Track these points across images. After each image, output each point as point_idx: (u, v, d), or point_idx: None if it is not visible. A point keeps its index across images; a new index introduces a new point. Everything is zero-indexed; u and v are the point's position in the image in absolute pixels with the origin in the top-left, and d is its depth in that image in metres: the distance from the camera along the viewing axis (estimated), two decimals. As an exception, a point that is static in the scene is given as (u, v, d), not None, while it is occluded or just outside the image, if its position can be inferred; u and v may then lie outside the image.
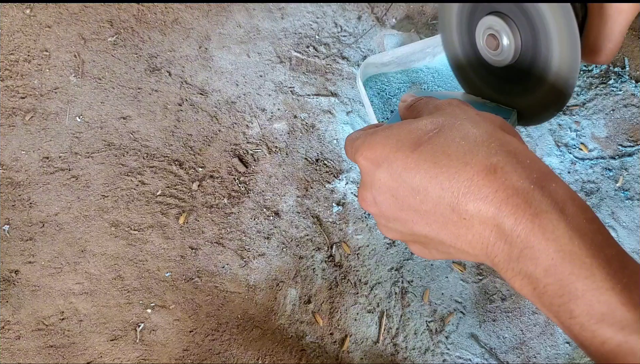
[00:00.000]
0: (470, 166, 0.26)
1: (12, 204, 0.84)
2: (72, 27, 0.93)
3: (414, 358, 0.79)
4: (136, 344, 0.78)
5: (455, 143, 0.27)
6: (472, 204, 0.25)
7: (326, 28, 0.95)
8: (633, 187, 0.87)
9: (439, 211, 0.27)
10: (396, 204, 0.29)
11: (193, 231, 0.83)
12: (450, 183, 0.26)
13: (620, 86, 0.92)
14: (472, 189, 0.25)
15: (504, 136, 0.27)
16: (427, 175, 0.27)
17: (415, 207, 0.28)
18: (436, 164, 0.27)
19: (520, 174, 0.25)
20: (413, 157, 0.27)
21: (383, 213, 0.31)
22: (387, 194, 0.29)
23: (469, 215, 0.25)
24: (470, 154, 0.26)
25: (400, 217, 0.29)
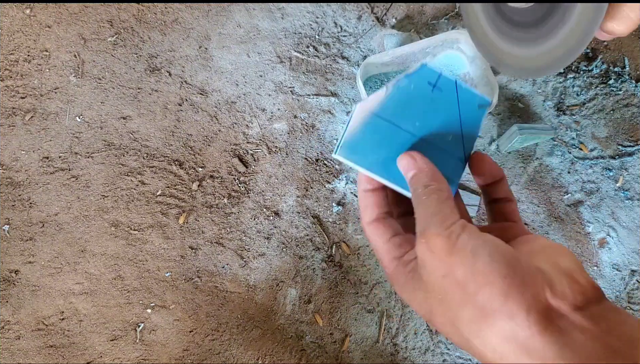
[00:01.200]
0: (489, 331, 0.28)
1: (12, 204, 0.84)
2: (72, 27, 0.93)
3: (414, 358, 0.79)
4: (136, 344, 0.78)
5: (464, 309, 0.28)
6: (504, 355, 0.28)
7: (326, 28, 0.95)
8: (633, 187, 0.87)
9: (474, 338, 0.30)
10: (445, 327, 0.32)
11: (193, 231, 0.83)
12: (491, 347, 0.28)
13: (620, 86, 0.92)
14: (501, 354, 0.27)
15: (512, 285, 0.28)
16: (454, 328, 0.29)
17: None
18: (455, 325, 0.29)
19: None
20: (437, 322, 0.30)
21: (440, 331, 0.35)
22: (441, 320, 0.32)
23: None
24: (486, 320, 0.28)
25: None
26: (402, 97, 0.37)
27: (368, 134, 0.35)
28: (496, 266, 0.28)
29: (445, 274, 0.28)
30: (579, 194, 0.87)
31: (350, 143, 0.34)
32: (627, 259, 0.85)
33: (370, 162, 0.34)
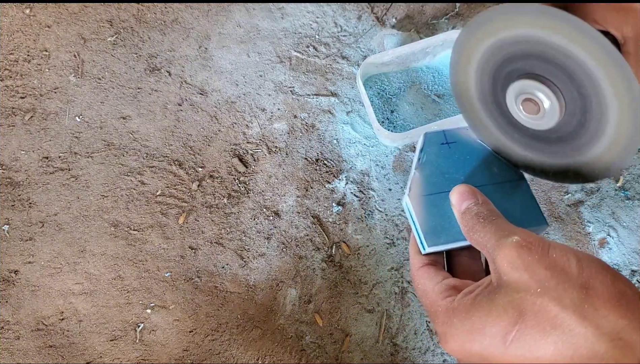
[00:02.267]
0: (575, 360, 0.25)
1: (12, 204, 0.83)
2: (71, 27, 0.93)
3: (414, 358, 0.79)
4: (136, 345, 0.78)
5: (548, 333, 0.25)
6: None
7: (326, 28, 0.95)
8: (633, 187, 0.87)
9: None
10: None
11: (193, 231, 0.83)
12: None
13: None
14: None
15: (595, 308, 0.25)
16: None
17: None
18: (539, 359, 0.26)
19: (632, 358, 0.24)
20: (510, 354, 0.27)
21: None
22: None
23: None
24: (571, 347, 0.25)
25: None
26: (433, 168, 0.39)
27: (433, 215, 0.36)
28: (603, 275, 0.26)
29: (539, 286, 0.26)
30: (579, 194, 0.87)
31: (429, 233, 0.35)
32: (628, 259, 0.85)
33: (453, 236, 0.35)
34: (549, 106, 0.34)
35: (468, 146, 0.40)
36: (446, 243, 0.34)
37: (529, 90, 0.34)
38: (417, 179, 0.38)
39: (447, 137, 0.40)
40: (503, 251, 0.28)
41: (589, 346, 0.25)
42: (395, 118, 0.88)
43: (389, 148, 0.88)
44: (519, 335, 0.26)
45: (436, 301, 0.31)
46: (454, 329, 0.29)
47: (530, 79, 0.34)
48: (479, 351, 0.27)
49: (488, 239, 0.30)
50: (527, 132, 0.37)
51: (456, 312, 0.29)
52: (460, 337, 0.28)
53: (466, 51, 0.37)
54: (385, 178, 0.86)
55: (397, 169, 0.87)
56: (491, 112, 0.39)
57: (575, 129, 0.34)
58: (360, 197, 0.85)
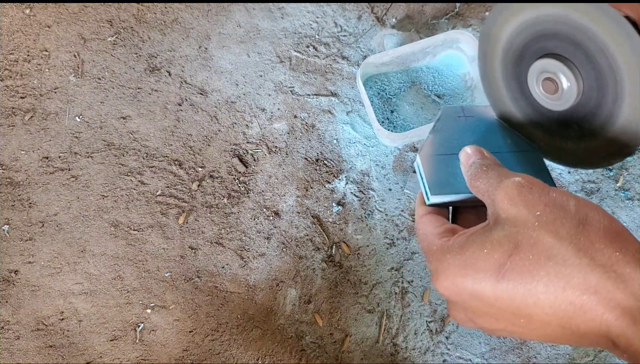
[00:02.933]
0: (568, 290, 0.25)
1: (12, 204, 0.83)
2: (71, 27, 0.93)
3: (414, 358, 0.79)
4: (136, 345, 0.78)
5: (542, 265, 0.25)
6: (583, 325, 0.25)
7: (326, 28, 0.95)
8: (633, 187, 0.87)
9: (549, 329, 0.27)
10: (497, 323, 0.29)
11: (193, 231, 0.83)
12: (553, 309, 0.26)
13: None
14: (577, 313, 0.25)
15: (591, 241, 0.25)
16: (524, 303, 0.26)
17: (521, 326, 0.28)
18: (530, 291, 0.26)
19: (623, 290, 0.24)
20: (501, 287, 0.26)
21: (484, 328, 0.30)
22: (485, 317, 0.29)
23: (582, 332, 0.26)
24: (564, 277, 0.25)
25: (504, 329, 0.29)
26: (446, 134, 0.40)
27: (441, 171, 0.37)
28: (606, 218, 0.26)
29: (537, 220, 0.26)
30: (580, 194, 0.87)
31: (433, 185, 0.36)
32: (628, 259, 0.85)
33: (457, 189, 0.36)
34: (567, 87, 0.35)
35: (484, 120, 0.42)
36: (450, 194, 0.35)
37: (551, 69, 0.35)
38: (430, 141, 0.39)
39: (465, 112, 0.42)
40: (504, 189, 0.28)
41: (582, 277, 0.25)
42: (395, 118, 0.88)
43: (389, 148, 0.88)
44: (513, 266, 0.26)
45: (433, 242, 0.31)
46: (446, 264, 0.29)
47: (553, 59, 0.35)
48: (470, 286, 0.27)
49: (490, 184, 0.30)
50: (545, 115, 0.38)
51: (450, 249, 0.29)
52: (452, 271, 0.28)
53: (494, 30, 0.38)
54: (385, 178, 0.86)
55: (397, 169, 0.87)
56: (512, 93, 0.40)
57: (590, 111, 0.35)
58: (360, 197, 0.85)
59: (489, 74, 0.42)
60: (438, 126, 0.40)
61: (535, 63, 0.36)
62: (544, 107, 0.38)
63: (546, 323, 0.26)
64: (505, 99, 0.41)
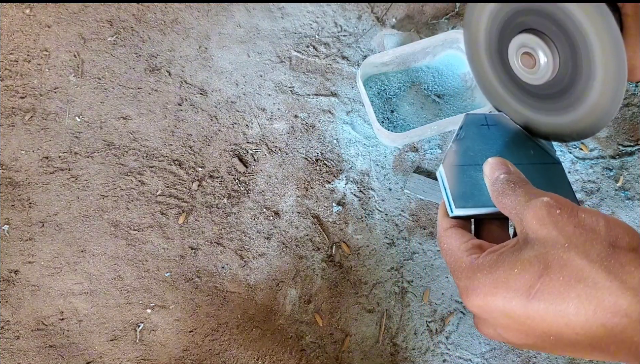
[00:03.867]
0: (599, 313, 0.25)
1: (12, 204, 0.83)
2: (71, 27, 0.93)
3: (414, 358, 0.79)
4: (136, 344, 0.78)
5: (572, 287, 0.26)
6: (613, 346, 0.26)
7: (326, 28, 0.95)
8: (633, 187, 0.87)
9: (579, 347, 0.27)
10: (527, 340, 0.29)
11: (193, 231, 0.83)
12: (584, 330, 0.26)
13: (621, 86, 0.92)
14: (608, 334, 0.25)
15: (622, 264, 0.25)
16: (555, 323, 0.26)
17: (551, 343, 0.28)
18: (561, 312, 0.26)
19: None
20: (532, 308, 0.27)
21: (512, 342, 0.30)
22: (515, 333, 0.29)
23: (612, 351, 0.26)
24: (595, 300, 0.25)
25: (534, 345, 0.30)
26: (470, 143, 0.40)
27: (464, 183, 0.37)
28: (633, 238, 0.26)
29: (567, 242, 0.26)
30: (580, 194, 0.87)
31: (458, 197, 0.36)
32: (628, 259, 0.85)
33: (482, 202, 0.36)
34: (545, 62, 0.36)
35: (508, 130, 0.42)
36: (474, 207, 0.35)
37: (529, 44, 0.36)
38: (453, 151, 0.39)
39: (488, 120, 0.42)
40: (533, 209, 0.28)
41: (613, 300, 0.25)
42: (395, 118, 0.88)
43: (389, 148, 0.88)
44: (543, 287, 0.26)
45: (461, 258, 0.31)
46: (477, 282, 0.29)
47: (531, 34, 0.36)
48: (501, 305, 0.28)
49: (518, 202, 0.30)
50: (523, 88, 0.40)
51: (480, 267, 0.29)
52: (483, 290, 0.28)
53: (477, 7, 0.40)
54: (385, 178, 0.86)
55: (397, 169, 0.87)
56: (495, 66, 0.42)
57: (564, 87, 0.37)
58: (360, 197, 0.85)
59: (473, 49, 0.43)
60: (461, 134, 0.40)
61: (515, 37, 0.38)
62: (522, 80, 0.39)
63: (576, 342, 0.27)
64: (490, 75, 0.43)
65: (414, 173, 0.86)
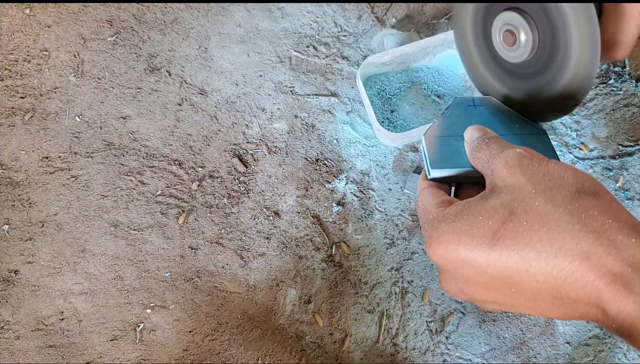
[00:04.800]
0: (560, 256, 0.25)
1: (12, 204, 0.83)
2: (71, 27, 0.93)
3: (414, 358, 0.79)
4: (136, 344, 0.78)
5: (535, 231, 0.25)
6: (573, 293, 0.25)
7: (326, 28, 0.95)
8: (633, 187, 0.87)
9: (539, 299, 0.27)
10: (488, 294, 0.29)
11: (193, 231, 0.83)
12: (544, 276, 0.26)
13: (621, 86, 0.92)
14: (568, 280, 0.25)
15: (585, 208, 0.25)
16: (516, 270, 0.26)
17: (512, 296, 0.28)
18: (523, 258, 0.26)
19: (615, 256, 0.24)
20: (494, 255, 0.26)
21: (474, 298, 0.30)
22: (476, 287, 0.29)
23: (572, 300, 0.26)
24: (557, 243, 0.25)
25: (495, 301, 0.29)
26: (454, 120, 0.41)
27: (444, 150, 0.38)
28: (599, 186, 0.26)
29: (534, 188, 0.26)
30: (579, 194, 0.87)
31: (435, 161, 0.37)
32: (628, 259, 0.85)
33: (459, 164, 0.37)
34: (525, 40, 0.38)
35: (494, 109, 0.42)
36: (450, 168, 0.36)
37: (512, 22, 0.38)
38: (436, 125, 0.40)
39: (475, 101, 0.43)
40: (505, 158, 0.29)
41: (574, 243, 0.25)
42: (395, 118, 0.88)
43: (389, 148, 0.88)
44: (507, 233, 0.26)
45: (430, 211, 0.32)
46: (440, 231, 0.29)
47: (514, 12, 0.37)
48: (463, 253, 0.27)
49: (491, 154, 0.30)
50: (504, 66, 0.41)
51: (445, 217, 0.29)
52: (446, 238, 0.28)
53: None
54: (385, 178, 0.86)
55: (397, 169, 0.87)
56: (479, 43, 0.43)
57: (541, 66, 0.38)
58: (360, 197, 0.85)
59: (460, 26, 0.45)
60: (447, 112, 0.41)
61: (500, 15, 0.39)
62: (502, 58, 0.41)
63: (537, 291, 0.26)
64: (472, 51, 0.45)
65: (414, 173, 0.86)
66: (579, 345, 0.80)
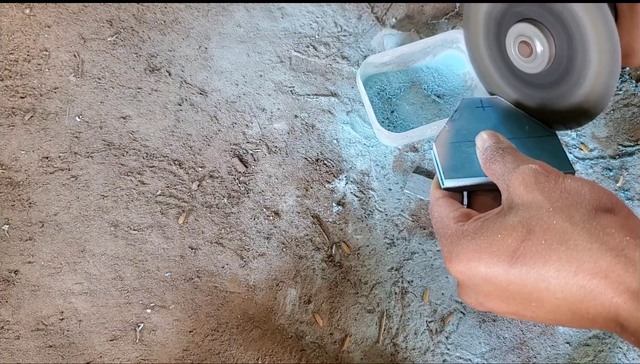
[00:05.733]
0: (579, 275, 0.25)
1: (12, 204, 0.83)
2: (71, 27, 0.93)
3: (414, 358, 0.79)
4: (136, 344, 0.78)
5: (554, 250, 0.26)
6: (592, 309, 0.26)
7: (326, 28, 0.95)
8: (633, 187, 0.87)
9: (559, 313, 0.27)
10: (508, 307, 0.29)
11: (193, 231, 0.83)
12: (564, 294, 0.26)
13: (621, 86, 0.92)
14: (587, 297, 0.25)
15: (603, 226, 0.26)
16: (536, 287, 0.26)
17: (532, 310, 0.28)
18: (542, 276, 0.26)
19: (633, 274, 0.24)
20: (514, 272, 0.27)
21: (494, 310, 0.31)
22: (496, 301, 0.29)
23: (591, 315, 0.26)
24: (576, 262, 0.25)
25: (515, 313, 0.30)
26: (464, 123, 0.40)
27: (456, 157, 0.38)
28: (616, 202, 0.26)
29: (552, 206, 0.26)
30: (579, 194, 0.87)
31: (448, 170, 0.37)
32: (628, 259, 0.85)
33: (472, 173, 0.36)
34: (541, 51, 0.37)
35: (503, 110, 0.42)
36: (464, 177, 0.36)
37: (526, 33, 0.37)
38: (446, 131, 0.39)
39: (483, 102, 0.42)
40: (520, 175, 0.29)
41: (593, 261, 0.25)
42: (395, 118, 0.88)
43: (389, 148, 0.88)
44: (526, 251, 0.26)
45: (448, 225, 0.31)
46: (460, 248, 0.29)
47: (529, 23, 0.37)
48: (484, 270, 0.28)
49: (506, 168, 0.30)
50: (520, 77, 0.41)
51: (465, 233, 0.29)
52: (466, 256, 0.28)
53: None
54: (385, 178, 0.86)
55: (397, 169, 0.87)
56: (493, 55, 0.43)
57: (559, 76, 0.37)
58: (360, 197, 0.85)
59: (473, 39, 0.44)
60: (455, 115, 0.41)
61: (513, 27, 0.38)
62: (519, 69, 0.40)
63: (557, 307, 0.27)
64: (486, 60, 0.44)
65: (414, 173, 0.86)
66: (579, 345, 0.80)
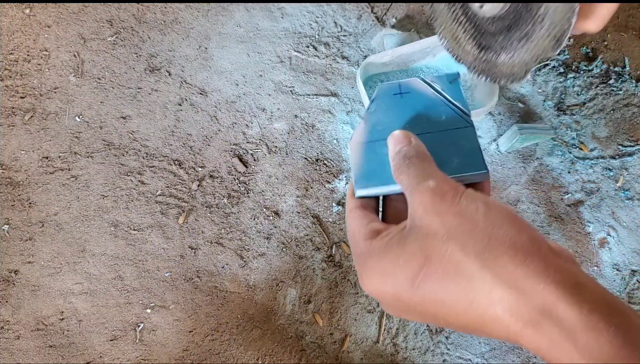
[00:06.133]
0: (475, 305, 0.26)
1: (12, 204, 0.83)
2: (71, 27, 0.93)
3: (414, 358, 0.79)
4: (136, 344, 0.78)
5: (451, 278, 0.27)
6: (495, 332, 0.27)
7: (326, 28, 0.95)
8: (633, 187, 0.87)
9: (468, 330, 0.29)
10: (425, 320, 0.31)
11: (193, 231, 0.83)
12: (466, 318, 0.27)
13: (621, 86, 0.92)
14: (486, 323, 0.27)
15: (495, 256, 0.26)
16: (440, 310, 0.28)
17: (445, 324, 0.30)
18: (444, 302, 0.27)
19: (525, 304, 0.25)
20: (417, 297, 0.28)
21: (410, 319, 0.32)
22: (412, 315, 0.31)
23: (496, 336, 0.28)
24: (471, 292, 0.26)
25: (432, 323, 0.31)
26: (379, 117, 0.38)
27: (369, 161, 0.36)
28: (510, 226, 0.27)
29: (446, 233, 0.27)
30: (579, 194, 0.87)
31: (360, 177, 0.35)
32: (628, 259, 0.85)
33: (385, 180, 0.35)
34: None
35: (421, 96, 0.40)
36: (375, 186, 0.35)
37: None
38: (362, 128, 0.38)
39: (402, 88, 0.40)
40: (419, 196, 0.29)
41: (487, 293, 0.26)
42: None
43: (389, 148, 0.88)
44: (425, 278, 0.27)
45: (359, 243, 0.32)
46: (369, 270, 0.30)
47: None
48: (391, 291, 0.29)
49: (409, 182, 0.31)
50: (476, 24, 0.40)
51: (372, 254, 0.30)
52: (375, 278, 0.29)
53: None
54: (385, 178, 0.86)
55: (397, 169, 0.87)
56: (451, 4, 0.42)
57: (514, 19, 0.37)
58: (360, 197, 0.85)
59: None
60: (372, 107, 0.39)
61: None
62: (474, 12, 0.39)
63: (463, 326, 0.28)
64: (444, 11, 0.43)
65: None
66: (579, 345, 0.80)
